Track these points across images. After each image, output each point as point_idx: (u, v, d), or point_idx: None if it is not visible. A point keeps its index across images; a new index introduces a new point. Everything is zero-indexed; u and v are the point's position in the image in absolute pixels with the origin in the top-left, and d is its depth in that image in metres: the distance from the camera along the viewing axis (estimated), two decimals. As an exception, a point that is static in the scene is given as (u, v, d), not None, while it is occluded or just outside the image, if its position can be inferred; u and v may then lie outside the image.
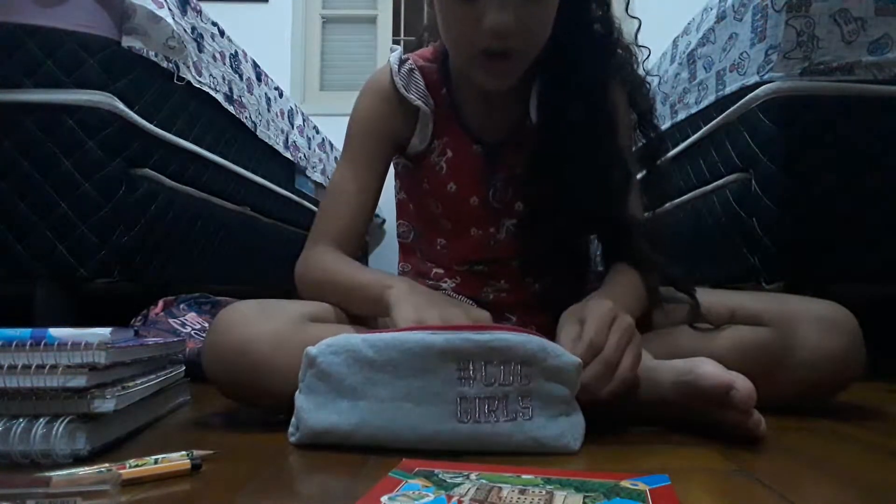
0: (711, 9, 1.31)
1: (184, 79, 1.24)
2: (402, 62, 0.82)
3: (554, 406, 0.54)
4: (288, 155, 1.95)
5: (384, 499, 0.38)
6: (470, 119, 0.82)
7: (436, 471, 0.44)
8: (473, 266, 0.85)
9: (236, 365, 0.62)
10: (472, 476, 0.43)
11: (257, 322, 0.63)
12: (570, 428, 0.55)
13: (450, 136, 0.82)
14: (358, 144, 0.83)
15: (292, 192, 2.03)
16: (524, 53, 0.71)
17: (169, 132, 1.21)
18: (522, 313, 0.85)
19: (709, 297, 0.77)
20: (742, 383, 0.55)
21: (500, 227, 0.83)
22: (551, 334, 0.61)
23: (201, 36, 1.33)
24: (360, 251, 0.81)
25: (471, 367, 0.53)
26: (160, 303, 1.18)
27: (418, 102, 0.80)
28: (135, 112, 1.10)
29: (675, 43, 1.56)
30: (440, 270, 0.87)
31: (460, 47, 0.72)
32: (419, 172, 0.84)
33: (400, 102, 0.81)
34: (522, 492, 0.39)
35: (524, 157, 0.80)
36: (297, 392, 0.57)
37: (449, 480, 0.42)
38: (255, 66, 1.68)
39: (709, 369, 0.58)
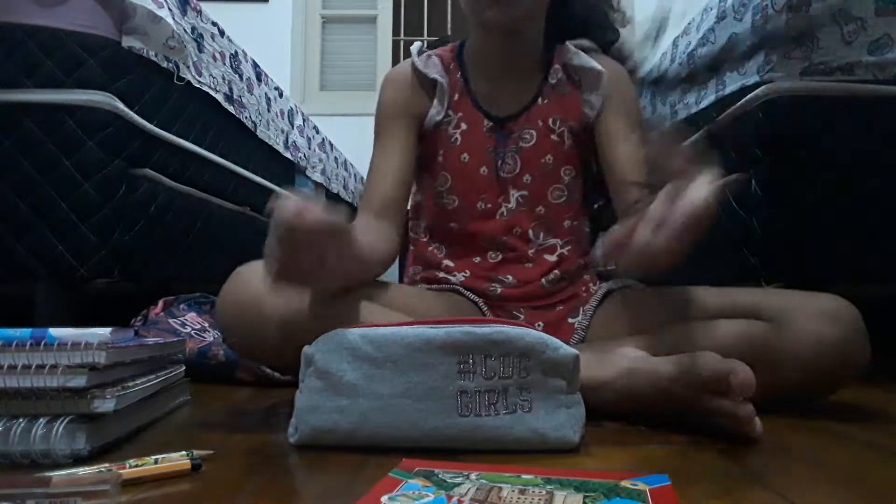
0: (711, 9, 1.31)
1: (184, 79, 1.24)
2: (420, 51, 0.94)
3: (553, 398, 0.55)
4: (288, 155, 1.95)
5: (384, 499, 0.38)
6: (481, 97, 0.91)
7: (436, 471, 0.44)
8: (488, 251, 0.89)
9: (247, 317, 0.66)
10: (472, 476, 0.43)
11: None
12: (569, 420, 0.55)
13: (464, 112, 0.91)
14: (383, 128, 0.92)
15: (292, 193, 2.03)
16: None
17: (169, 132, 1.21)
18: (529, 308, 0.88)
19: (707, 294, 0.79)
20: (741, 368, 0.56)
21: (508, 196, 0.90)
22: (558, 331, 0.62)
23: (201, 36, 1.33)
24: (403, 214, 0.90)
25: (471, 361, 0.54)
26: (160, 303, 1.18)
27: (435, 75, 0.90)
28: (135, 112, 1.10)
29: (675, 43, 1.56)
30: (451, 263, 0.91)
31: None
32: (435, 145, 0.92)
33: (418, 81, 0.91)
34: (522, 492, 0.39)
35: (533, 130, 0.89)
36: (296, 392, 0.57)
37: (449, 480, 0.42)
38: (255, 66, 1.68)
39: (709, 359, 0.59)
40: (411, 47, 0.95)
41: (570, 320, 0.88)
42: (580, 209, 0.94)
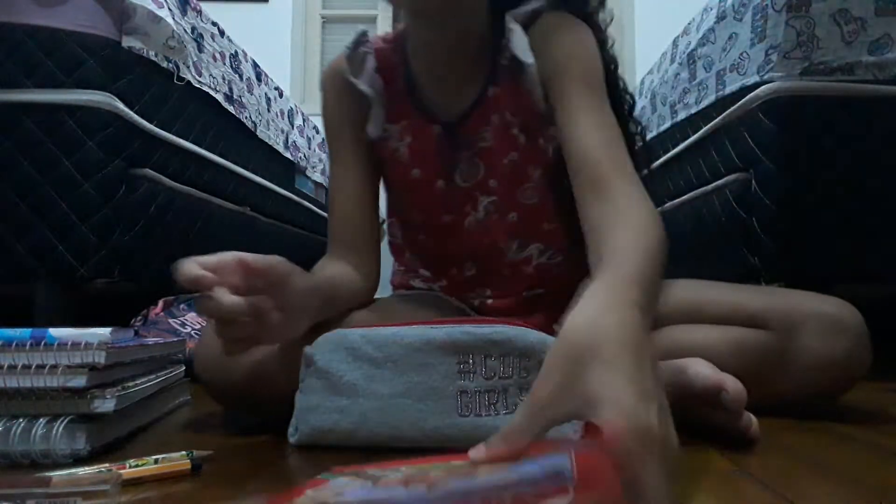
0: (711, 9, 1.31)
1: (184, 79, 1.24)
2: (357, 44, 0.78)
3: None
4: (288, 155, 1.95)
5: (309, 492, 0.36)
6: (426, 99, 0.78)
7: (368, 470, 0.43)
8: (464, 265, 0.82)
9: (214, 373, 0.63)
10: (403, 468, 0.42)
11: None
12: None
13: (408, 120, 0.78)
14: (333, 139, 0.81)
15: (292, 192, 2.03)
16: None
17: (169, 132, 1.21)
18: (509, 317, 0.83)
19: (709, 294, 0.76)
20: (732, 385, 0.55)
21: (476, 205, 0.79)
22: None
23: (201, 36, 1.33)
24: (376, 234, 0.80)
25: (471, 361, 0.54)
26: (160, 303, 1.18)
27: (364, 87, 0.76)
28: (135, 112, 1.10)
29: (675, 43, 1.56)
30: (427, 273, 0.85)
31: None
32: (382, 159, 0.80)
33: (352, 89, 0.77)
34: (448, 470, 0.38)
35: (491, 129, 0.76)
36: (297, 392, 0.57)
37: (378, 475, 0.41)
38: (255, 66, 1.68)
39: (700, 370, 0.58)
40: (346, 42, 0.78)
41: (555, 327, 0.84)
42: (560, 208, 0.79)
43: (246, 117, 1.58)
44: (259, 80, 1.70)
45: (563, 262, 0.82)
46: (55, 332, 0.51)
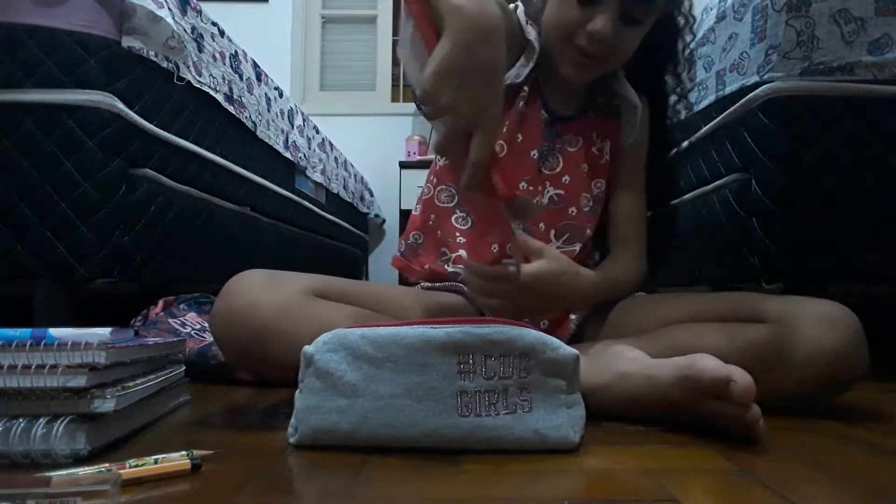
0: (711, 9, 1.31)
1: (184, 79, 1.24)
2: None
3: (553, 398, 0.55)
4: (288, 155, 1.95)
5: None
6: (546, 95, 0.95)
7: None
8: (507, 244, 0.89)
9: (242, 328, 0.66)
10: None
11: (264, 289, 0.67)
12: (569, 420, 0.55)
13: (531, 96, 0.93)
14: None
15: (292, 192, 2.03)
16: (607, 62, 0.86)
17: (169, 132, 1.21)
18: None
19: (707, 297, 0.79)
20: (741, 376, 0.55)
21: (543, 191, 0.92)
22: (559, 328, 0.62)
23: (201, 36, 1.33)
24: None
25: (471, 361, 0.54)
26: (160, 303, 1.18)
27: (532, 36, 0.89)
28: (135, 112, 1.10)
29: (675, 43, 1.56)
30: (461, 248, 0.91)
31: (560, 36, 0.85)
32: None
33: (513, 40, 0.87)
34: None
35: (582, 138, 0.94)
36: (296, 392, 0.57)
37: None
38: (255, 66, 1.68)
39: (708, 363, 0.58)
40: (518, 11, 0.94)
41: (572, 317, 0.88)
42: (598, 224, 0.96)
43: (246, 117, 1.57)
44: (259, 80, 1.70)
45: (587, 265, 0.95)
46: (55, 332, 0.51)
